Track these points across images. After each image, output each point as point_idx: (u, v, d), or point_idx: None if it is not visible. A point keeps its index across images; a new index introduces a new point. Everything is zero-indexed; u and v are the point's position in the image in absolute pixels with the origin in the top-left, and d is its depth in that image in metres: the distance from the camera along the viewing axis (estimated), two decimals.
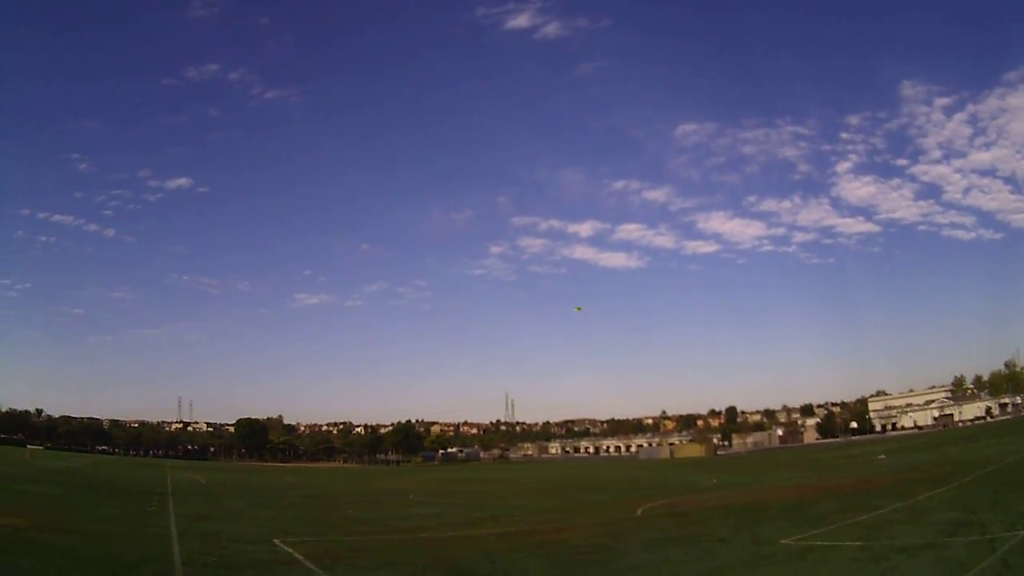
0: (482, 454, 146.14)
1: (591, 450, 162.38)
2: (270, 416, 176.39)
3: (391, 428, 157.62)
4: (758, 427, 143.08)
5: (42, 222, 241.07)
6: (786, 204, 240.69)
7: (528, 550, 15.88)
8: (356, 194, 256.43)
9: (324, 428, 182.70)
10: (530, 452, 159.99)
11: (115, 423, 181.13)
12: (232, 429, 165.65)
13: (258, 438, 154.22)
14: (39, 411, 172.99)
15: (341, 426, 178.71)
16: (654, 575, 12.94)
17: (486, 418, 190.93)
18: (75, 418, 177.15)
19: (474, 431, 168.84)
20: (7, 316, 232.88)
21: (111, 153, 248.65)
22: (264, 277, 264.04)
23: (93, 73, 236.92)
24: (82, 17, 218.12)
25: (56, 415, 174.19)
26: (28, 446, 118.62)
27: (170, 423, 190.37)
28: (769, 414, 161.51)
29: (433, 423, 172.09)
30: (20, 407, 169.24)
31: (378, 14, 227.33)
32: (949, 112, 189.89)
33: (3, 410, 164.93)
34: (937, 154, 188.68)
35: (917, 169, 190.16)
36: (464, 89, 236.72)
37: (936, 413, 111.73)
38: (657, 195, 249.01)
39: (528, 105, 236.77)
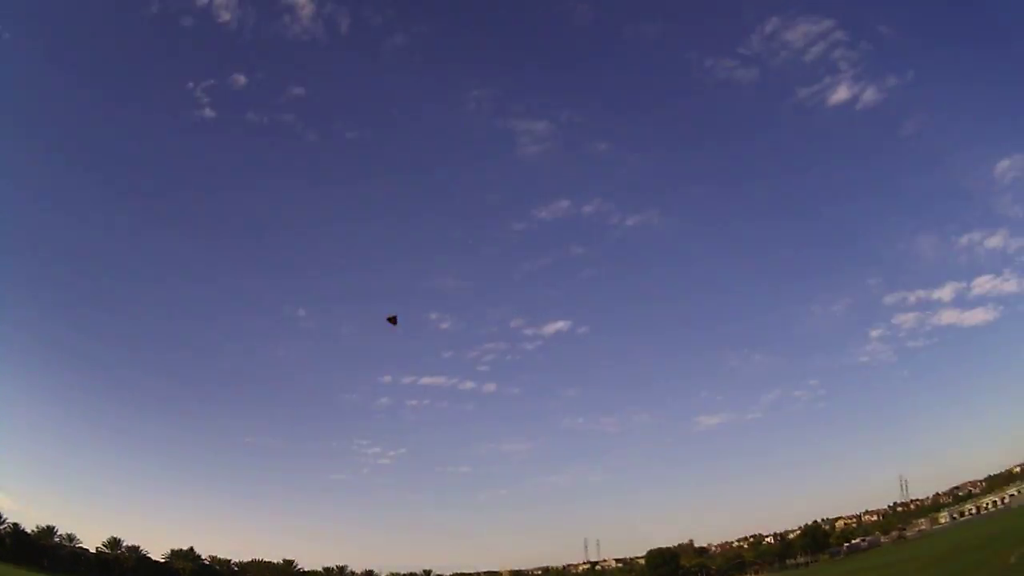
0: (882, 539, 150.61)
1: (973, 511, 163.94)
2: (680, 542, 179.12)
3: (798, 532, 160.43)
4: None
5: (407, 387, 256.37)
6: None
7: None
8: (737, 303, 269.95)
9: (735, 544, 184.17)
10: (923, 527, 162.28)
11: (516, 573, 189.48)
12: (643, 561, 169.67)
13: (669, 566, 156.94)
14: (427, 572, 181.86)
15: (751, 539, 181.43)
16: None
17: (883, 503, 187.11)
18: (465, 574, 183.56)
19: (874, 518, 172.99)
20: (386, 484, 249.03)
21: (475, 307, 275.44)
22: (663, 406, 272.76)
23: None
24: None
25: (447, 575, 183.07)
26: None
27: (576, 565, 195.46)
28: None
29: (836, 518, 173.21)
30: (405, 571, 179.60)
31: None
32: None
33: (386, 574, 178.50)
34: None
35: None
36: (809, 167, 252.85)
37: None
38: (995, 241, 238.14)
39: (870, 177, 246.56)
